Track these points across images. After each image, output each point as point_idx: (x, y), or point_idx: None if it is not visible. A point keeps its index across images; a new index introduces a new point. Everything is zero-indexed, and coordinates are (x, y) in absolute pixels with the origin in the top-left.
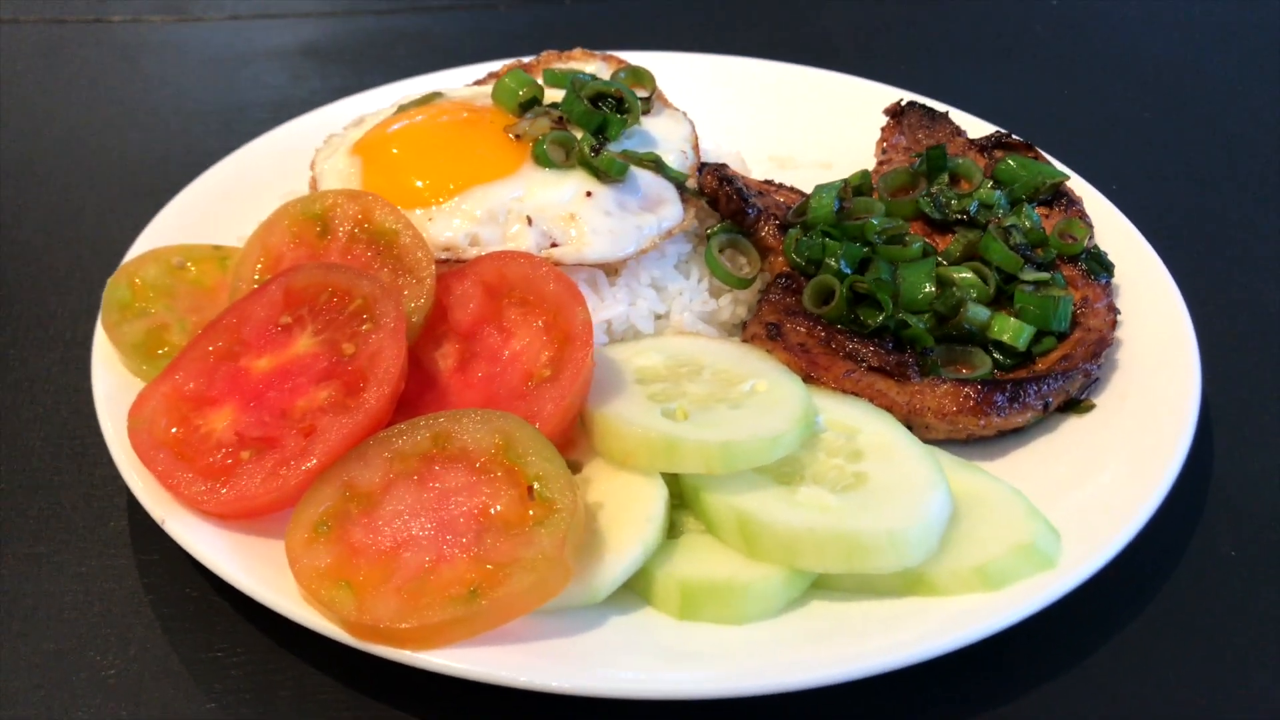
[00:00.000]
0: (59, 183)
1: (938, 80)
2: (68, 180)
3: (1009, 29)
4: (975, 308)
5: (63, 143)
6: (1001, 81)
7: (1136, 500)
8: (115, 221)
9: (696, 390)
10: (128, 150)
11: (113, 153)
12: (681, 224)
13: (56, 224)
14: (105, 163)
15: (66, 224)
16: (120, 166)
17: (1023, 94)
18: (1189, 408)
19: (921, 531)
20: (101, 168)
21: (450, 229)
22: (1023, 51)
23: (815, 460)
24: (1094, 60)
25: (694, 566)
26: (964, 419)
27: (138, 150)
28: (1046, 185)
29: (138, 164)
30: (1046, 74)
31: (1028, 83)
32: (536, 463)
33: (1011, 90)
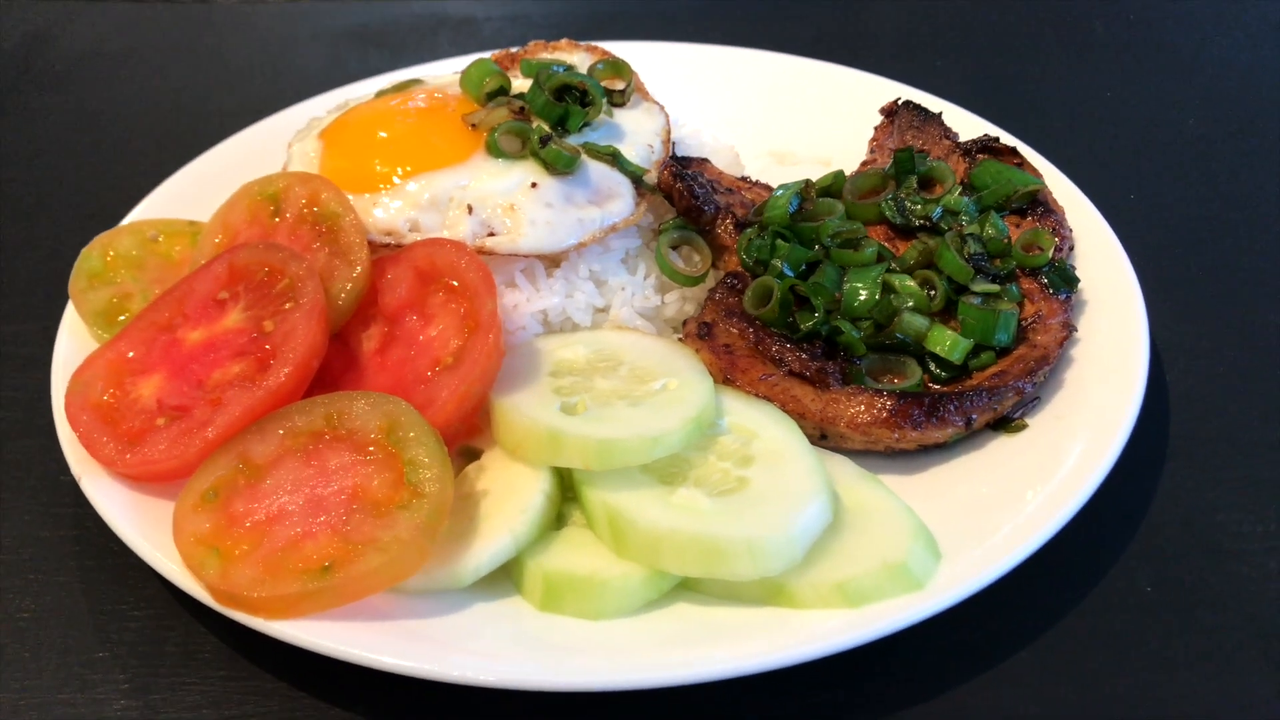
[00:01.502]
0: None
1: (980, 77)
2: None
3: (1067, 26)
4: (912, 317)
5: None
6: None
7: (1031, 528)
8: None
9: (606, 386)
10: (174, 122)
11: (153, 127)
12: (628, 219)
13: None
14: (133, 140)
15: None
16: (153, 140)
17: (1069, 94)
18: (1113, 438)
19: (782, 542)
20: (127, 145)
21: (394, 214)
22: (1081, 50)
23: (705, 462)
24: (1152, 61)
25: (561, 559)
26: (877, 430)
27: (178, 122)
28: (1019, 193)
29: (173, 136)
30: (1099, 74)
31: (1077, 81)
32: (414, 449)
33: (1058, 90)
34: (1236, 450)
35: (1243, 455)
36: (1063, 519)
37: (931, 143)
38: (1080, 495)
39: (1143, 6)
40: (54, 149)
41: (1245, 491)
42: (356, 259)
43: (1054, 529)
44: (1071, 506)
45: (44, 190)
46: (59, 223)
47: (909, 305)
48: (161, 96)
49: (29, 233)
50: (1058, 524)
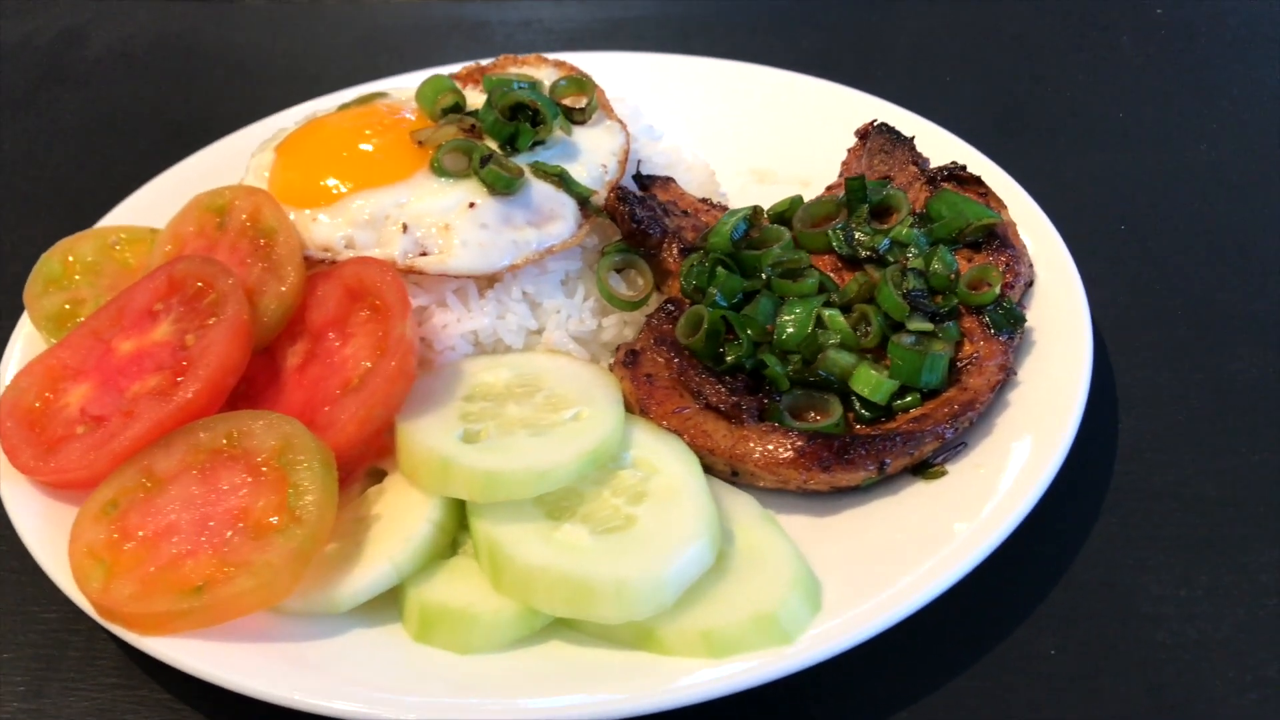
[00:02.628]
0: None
1: (992, 94)
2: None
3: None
4: (837, 354)
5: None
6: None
7: (923, 584)
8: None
9: (516, 413)
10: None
11: (165, 128)
12: (566, 242)
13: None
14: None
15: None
16: (163, 140)
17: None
18: (1028, 493)
19: (651, 585)
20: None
21: (331, 230)
22: (1095, 69)
23: (598, 497)
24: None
25: (439, 590)
26: (785, 471)
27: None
28: (971, 226)
29: (180, 138)
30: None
31: (1089, 102)
32: (300, 473)
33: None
34: (1176, 507)
35: (1181, 513)
36: (954, 577)
37: (898, 168)
38: (979, 552)
39: (1172, 23)
40: (68, 146)
41: (1177, 552)
42: (286, 275)
43: (945, 586)
44: (968, 563)
45: (50, 188)
46: (61, 222)
47: (834, 341)
48: (176, 96)
49: (29, 231)
50: (949, 581)
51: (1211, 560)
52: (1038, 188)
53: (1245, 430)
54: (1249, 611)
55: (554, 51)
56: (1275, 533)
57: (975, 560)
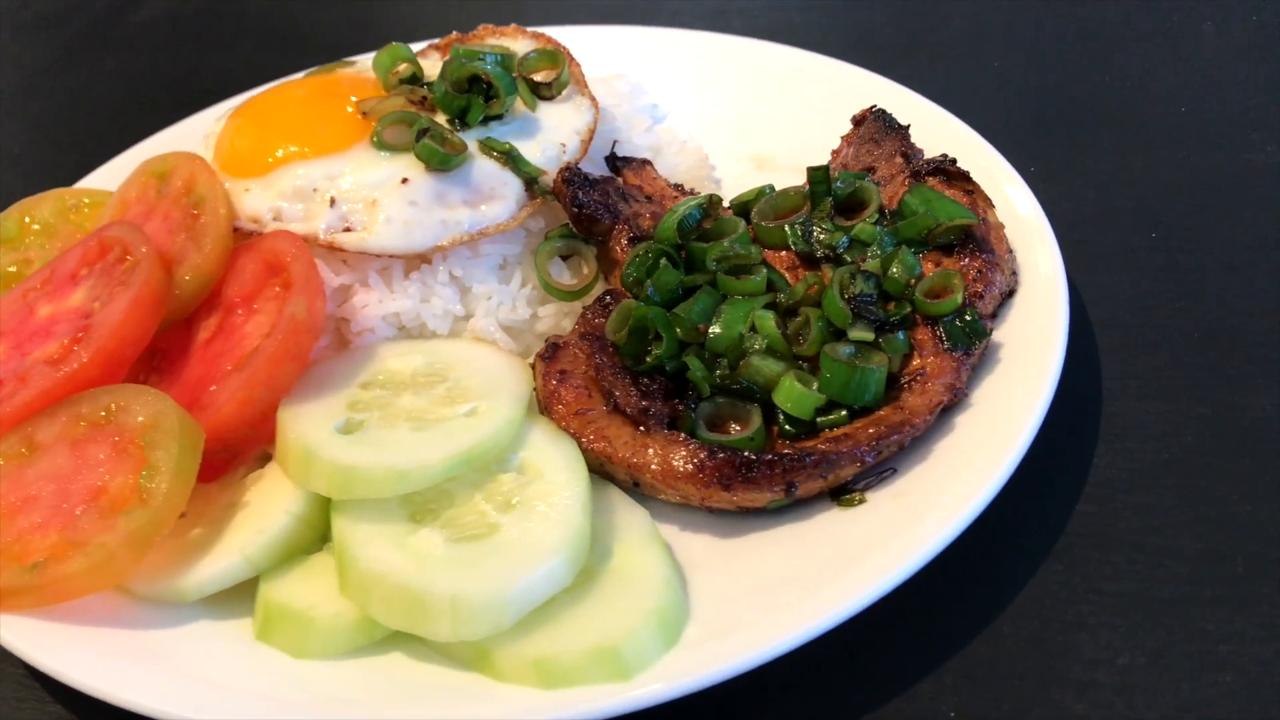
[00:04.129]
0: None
1: (1027, 82)
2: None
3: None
4: (762, 361)
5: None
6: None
7: (790, 628)
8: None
9: (410, 404)
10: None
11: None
12: (502, 224)
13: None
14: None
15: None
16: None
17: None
18: (939, 533)
19: (488, 604)
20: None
21: (261, 201)
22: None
23: (468, 501)
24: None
25: (286, 588)
26: (684, 486)
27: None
28: (942, 227)
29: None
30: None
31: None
32: (158, 453)
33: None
34: (1138, 558)
35: (1143, 564)
36: (838, 618)
37: (884, 159)
38: (872, 593)
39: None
40: (96, 109)
41: (1126, 611)
42: (208, 246)
43: (824, 628)
44: (856, 604)
45: (78, 155)
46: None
47: (759, 346)
48: (214, 61)
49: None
50: (830, 623)
51: (1166, 623)
52: (1068, 188)
53: (1242, 475)
54: (1195, 689)
55: (587, 25)
56: (1251, 597)
57: (866, 601)
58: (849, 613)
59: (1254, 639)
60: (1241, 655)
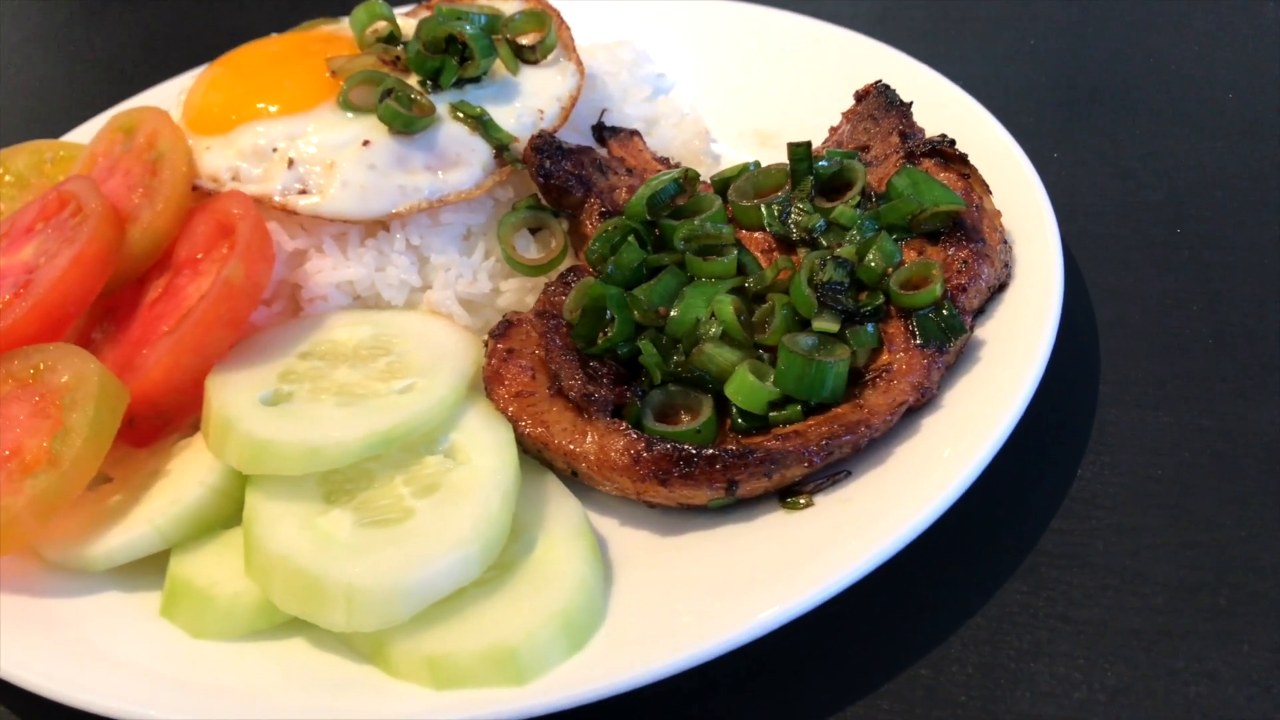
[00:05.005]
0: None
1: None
2: None
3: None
4: (715, 349)
5: None
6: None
7: (707, 638)
8: None
9: (343, 377)
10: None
11: None
12: (465, 192)
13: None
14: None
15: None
16: None
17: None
18: (877, 548)
19: (383, 595)
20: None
21: (219, 160)
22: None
23: (388, 483)
24: None
25: (194, 564)
26: (620, 478)
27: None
28: (927, 212)
29: None
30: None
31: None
32: (77, 414)
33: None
34: (1112, 584)
35: (1115, 591)
36: (758, 631)
37: (879, 138)
38: (800, 605)
39: None
40: (114, 61)
41: (1090, 640)
42: (160, 204)
43: (743, 640)
44: (780, 616)
45: (83, 102)
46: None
47: (715, 333)
48: (229, 18)
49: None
50: (750, 635)
51: (1132, 657)
52: (1093, 176)
53: (1239, 499)
54: None
55: None
56: (1230, 634)
57: (791, 615)
58: (769, 626)
59: (1227, 681)
60: (1211, 699)
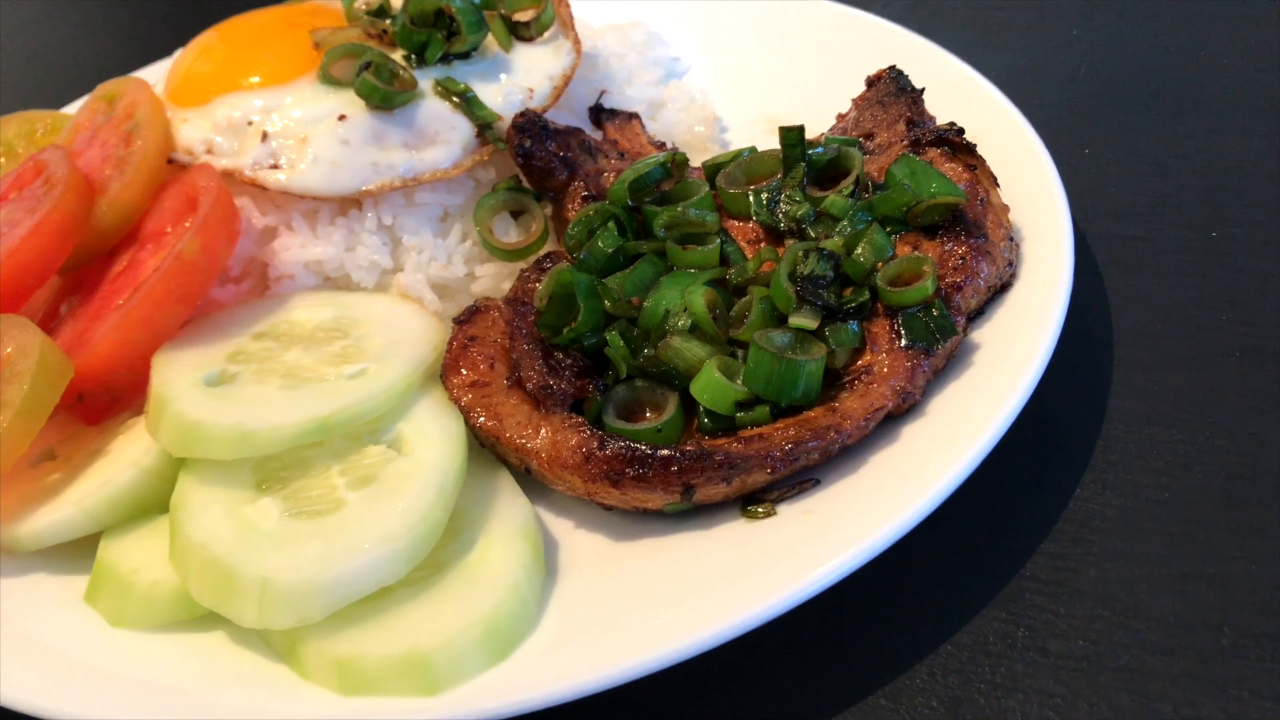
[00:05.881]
0: None
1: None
2: None
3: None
4: (683, 343)
5: None
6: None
7: (638, 653)
8: None
9: (294, 360)
10: None
11: None
12: (441, 171)
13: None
14: None
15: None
16: None
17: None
18: (834, 565)
19: (299, 592)
20: None
21: (195, 132)
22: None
23: (322, 472)
24: None
25: (121, 549)
26: (572, 477)
27: None
28: (924, 205)
29: None
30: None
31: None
32: (13, 387)
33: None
34: (1090, 617)
35: (1092, 625)
36: (694, 648)
37: (886, 125)
38: (741, 624)
39: None
40: (142, 31)
41: (1066, 676)
42: (129, 176)
43: (677, 657)
44: (719, 634)
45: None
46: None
47: (682, 326)
48: None
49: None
50: (686, 652)
51: (1116, 699)
52: (1126, 173)
53: (1251, 528)
54: None
55: None
56: (1227, 678)
57: (734, 632)
58: (706, 645)
59: None
60: None
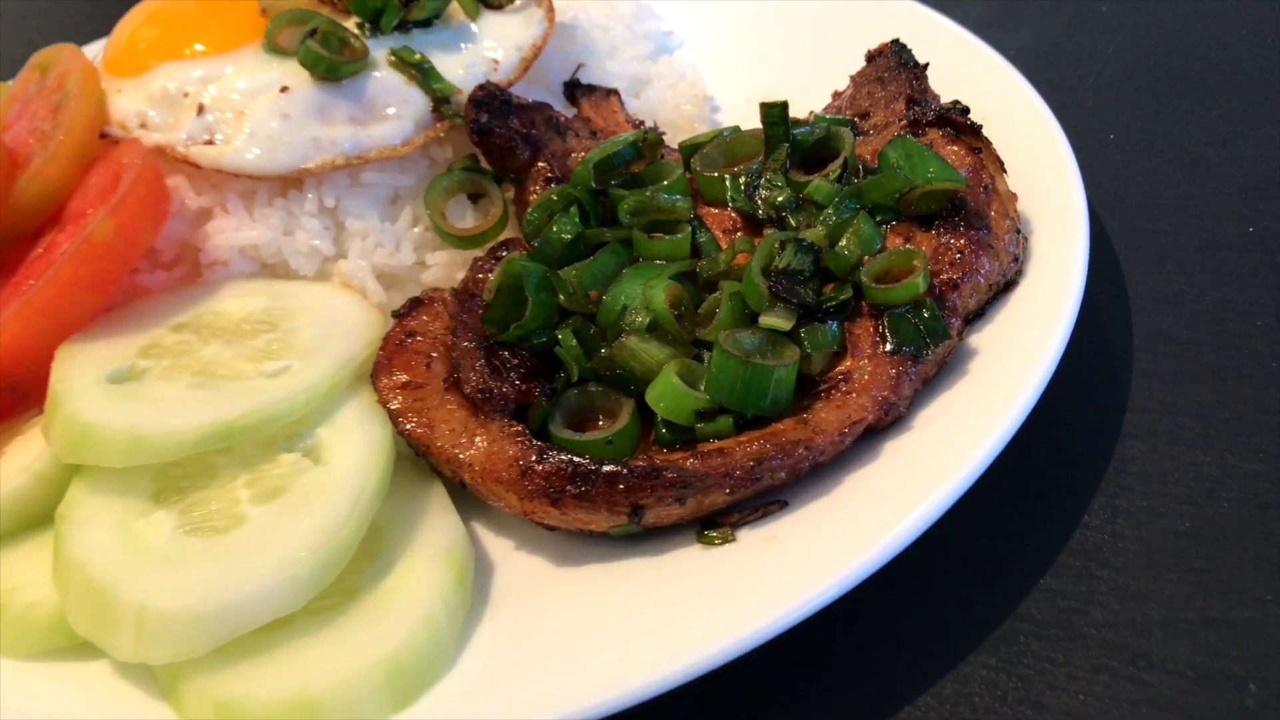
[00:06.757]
0: None
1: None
2: None
3: None
4: (640, 344)
5: None
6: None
7: (555, 704)
8: None
9: (211, 355)
10: None
11: None
12: (389, 149)
13: None
14: None
15: None
16: None
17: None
18: (795, 604)
19: (179, 622)
20: None
21: (129, 104)
22: None
23: (228, 482)
24: None
25: (3, 566)
26: (507, 494)
27: None
28: (918, 191)
29: None
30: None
31: None
32: None
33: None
34: (1094, 665)
35: (1096, 675)
36: (616, 704)
37: (883, 104)
38: (680, 672)
39: None
40: None
41: None
42: (52, 151)
43: (596, 713)
44: (646, 687)
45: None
46: None
47: (640, 324)
48: None
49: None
50: (606, 707)
51: None
52: (1155, 162)
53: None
54: None
55: None
56: None
57: (672, 682)
58: (640, 696)
59: None
60: None
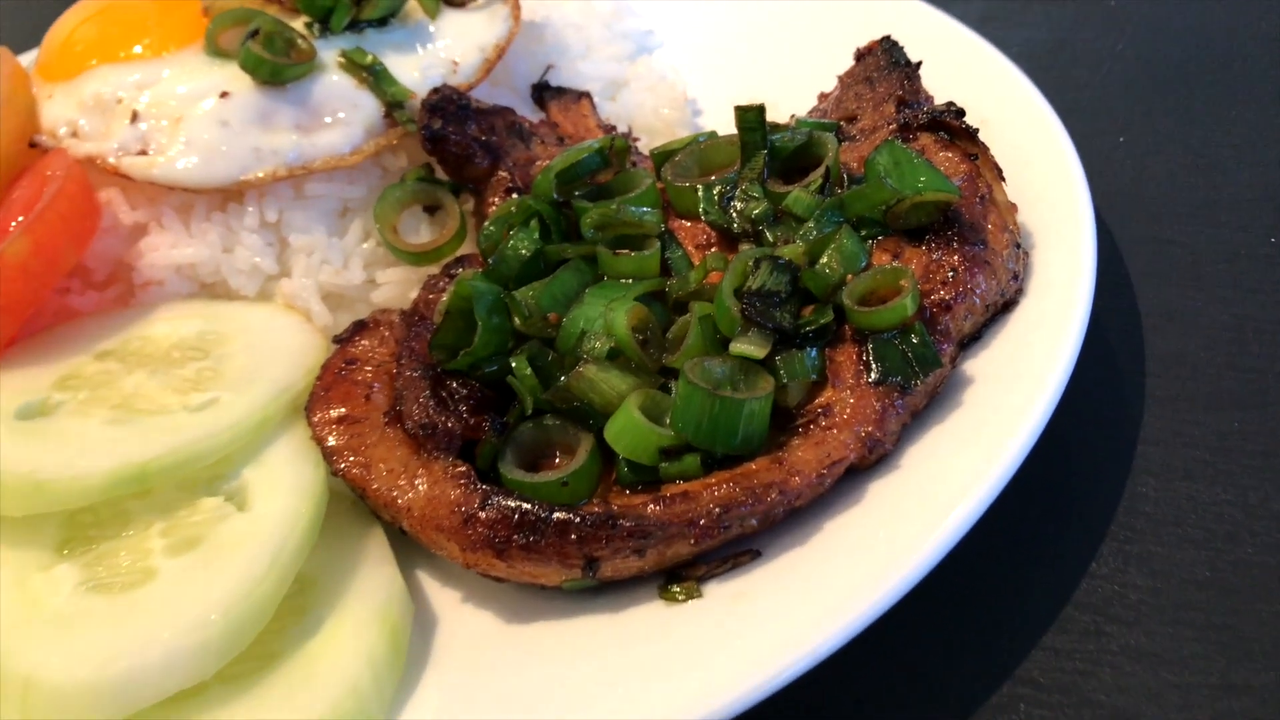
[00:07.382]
0: None
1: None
2: None
3: None
4: (600, 373)
5: None
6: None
7: None
8: None
9: (133, 386)
10: None
11: None
12: (336, 159)
13: None
14: None
15: None
16: None
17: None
18: (765, 677)
19: (69, 693)
20: None
21: (59, 111)
22: None
23: (141, 531)
24: None
25: None
26: (448, 543)
27: None
28: (906, 203)
29: None
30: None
31: None
32: None
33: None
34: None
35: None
36: None
37: (872, 106)
38: None
39: None
40: None
41: None
42: None
43: None
44: None
45: None
46: None
47: (599, 350)
48: None
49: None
50: None
51: None
52: (1169, 167)
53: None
54: None
55: None
56: None
57: None
58: None
59: None
60: None
